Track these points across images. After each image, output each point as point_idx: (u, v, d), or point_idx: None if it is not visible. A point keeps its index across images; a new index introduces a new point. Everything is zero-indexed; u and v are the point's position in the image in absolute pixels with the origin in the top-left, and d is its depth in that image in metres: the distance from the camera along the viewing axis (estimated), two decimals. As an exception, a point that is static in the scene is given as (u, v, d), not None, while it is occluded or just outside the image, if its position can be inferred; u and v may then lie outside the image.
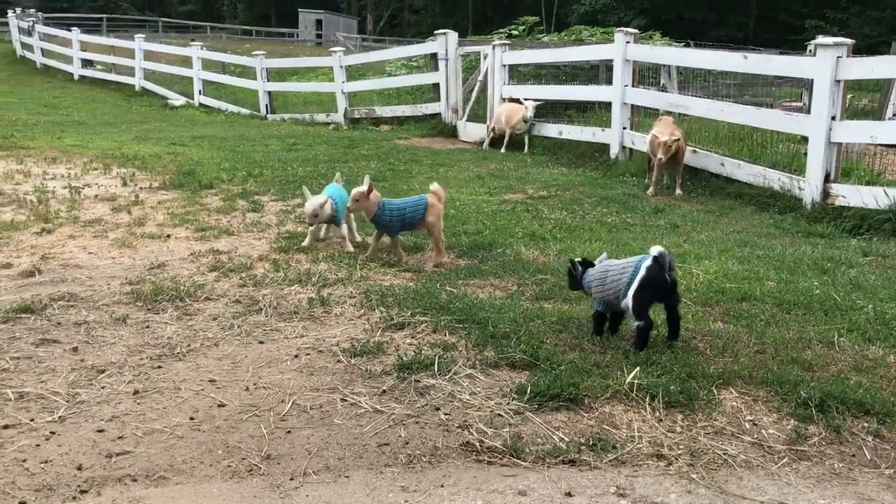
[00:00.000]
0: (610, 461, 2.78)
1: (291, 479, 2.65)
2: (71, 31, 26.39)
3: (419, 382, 3.38)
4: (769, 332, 3.95)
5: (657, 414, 3.10)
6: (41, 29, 29.38)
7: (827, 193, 7.03)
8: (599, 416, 3.10)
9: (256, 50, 20.67)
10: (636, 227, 6.53)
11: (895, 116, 11.29)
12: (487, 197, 7.77)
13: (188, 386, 3.35)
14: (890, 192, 6.53)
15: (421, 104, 14.69)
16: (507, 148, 11.65)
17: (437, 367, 3.51)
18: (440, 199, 5.34)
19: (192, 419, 3.05)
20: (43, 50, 28.36)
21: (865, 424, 3.05)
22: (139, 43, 22.90)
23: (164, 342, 3.82)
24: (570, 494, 2.56)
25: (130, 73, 23.25)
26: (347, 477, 2.67)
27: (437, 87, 13.92)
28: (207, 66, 20.65)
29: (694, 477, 2.69)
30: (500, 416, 3.09)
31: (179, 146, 11.47)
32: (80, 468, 2.68)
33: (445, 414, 3.11)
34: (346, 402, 3.21)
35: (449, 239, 5.85)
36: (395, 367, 3.52)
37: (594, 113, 11.66)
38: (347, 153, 10.86)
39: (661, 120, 8.42)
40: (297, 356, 3.68)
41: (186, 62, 20.87)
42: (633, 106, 9.84)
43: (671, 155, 7.92)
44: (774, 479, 2.70)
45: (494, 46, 12.57)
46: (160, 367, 3.54)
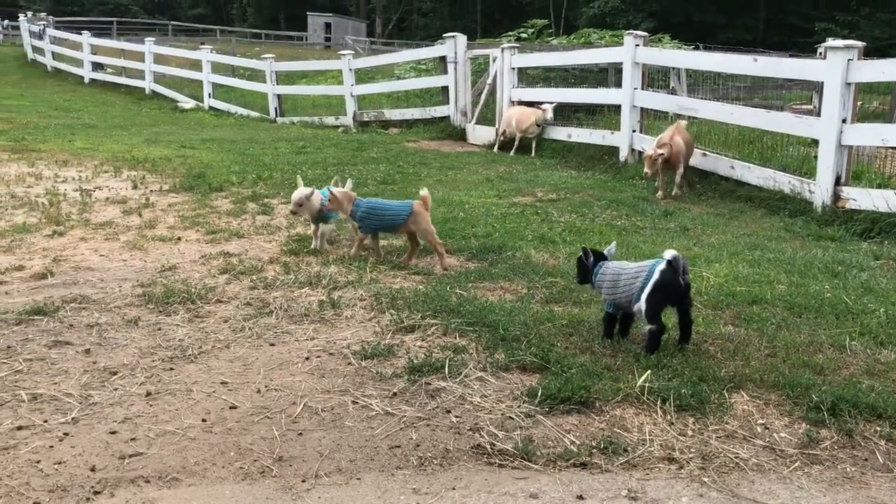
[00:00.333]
0: (621, 464, 2.78)
1: (303, 480, 2.66)
2: (81, 34, 26.56)
3: (430, 385, 3.39)
4: (780, 335, 3.94)
5: (668, 417, 3.10)
6: (52, 32, 29.59)
7: (837, 196, 7.01)
8: (610, 419, 3.10)
9: (266, 53, 20.72)
10: (646, 230, 6.53)
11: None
12: (497, 200, 7.77)
13: (200, 388, 3.36)
14: (901, 195, 6.52)
15: (430, 107, 14.71)
16: (516, 151, 11.67)
17: (447, 369, 3.51)
18: (427, 205, 5.34)
19: (204, 421, 3.06)
20: (54, 53, 28.56)
21: (878, 428, 3.04)
22: (149, 46, 23.01)
23: (175, 344, 3.84)
24: (581, 497, 2.56)
25: (140, 76, 23.39)
26: (359, 479, 2.68)
27: (445, 90, 13.94)
28: (217, 69, 20.72)
29: (705, 480, 2.68)
30: (511, 418, 3.09)
31: (189, 149, 11.51)
32: (93, 469, 2.70)
33: (456, 416, 3.12)
34: (357, 404, 3.22)
35: (458, 242, 5.87)
36: (405, 369, 3.53)
37: (603, 116, 11.66)
38: (356, 156, 10.88)
39: (676, 125, 8.36)
40: (307, 358, 3.69)
41: (196, 65, 20.97)
42: (642, 109, 9.85)
43: (665, 161, 7.96)
44: (786, 482, 2.69)
45: (503, 49, 12.59)
46: (172, 368, 3.56)
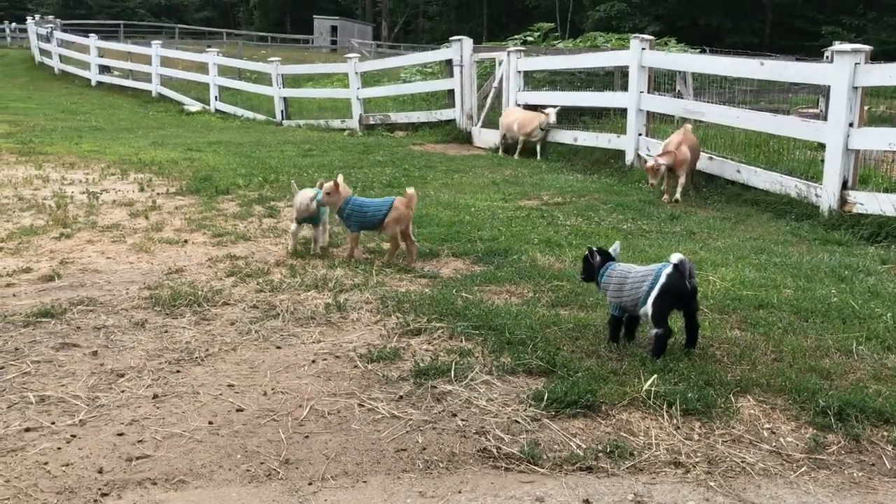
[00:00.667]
0: (627, 468, 2.78)
1: (310, 483, 2.67)
2: (89, 37, 26.64)
3: (436, 388, 3.39)
4: (787, 339, 3.93)
5: (675, 421, 3.10)
6: (59, 35, 29.68)
7: (844, 201, 6.99)
8: (617, 423, 3.10)
9: (272, 56, 20.82)
10: (652, 233, 6.52)
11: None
12: (502, 203, 7.77)
13: (207, 390, 3.37)
14: (908, 199, 6.50)
15: (436, 110, 14.70)
16: (521, 155, 11.67)
17: (453, 373, 3.52)
18: (410, 204, 5.37)
19: (210, 423, 3.07)
20: (61, 56, 28.66)
21: (885, 433, 3.03)
22: (156, 49, 23.09)
23: (182, 347, 3.85)
24: (587, 501, 2.56)
25: (147, 79, 23.46)
26: (365, 482, 2.68)
27: (451, 93, 13.94)
28: (223, 72, 20.77)
29: (712, 485, 2.68)
30: (517, 422, 3.10)
31: (196, 152, 11.54)
32: (100, 471, 2.71)
33: (462, 420, 3.12)
34: (363, 407, 3.23)
35: (464, 245, 5.87)
36: (411, 372, 3.53)
37: (609, 119, 11.64)
38: (362, 159, 10.89)
39: (683, 130, 8.34)
40: (314, 361, 3.70)
41: (203, 68, 21.03)
42: (648, 112, 9.83)
43: (669, 169, 8.00)
44: (793, 487, 2.69)
45: (509, 53, 12.59)
46: (179, 371, 3.57)
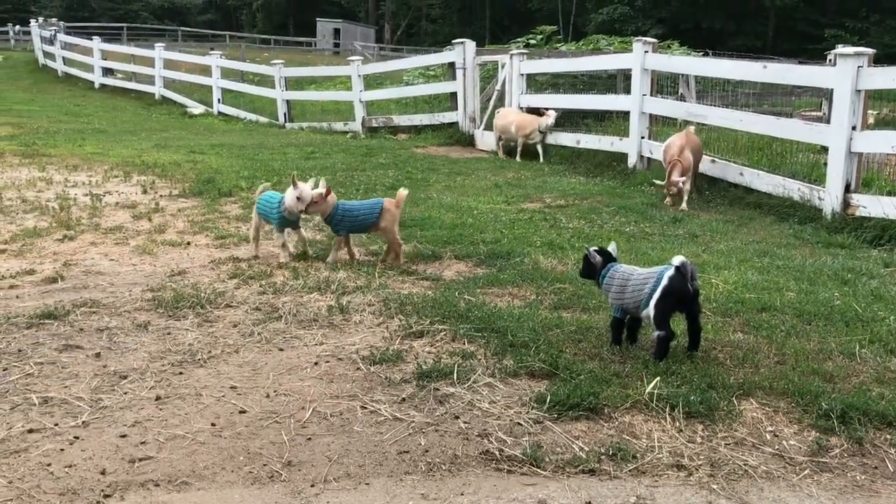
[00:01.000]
0: (630, 471, 2.78)
1: (312, 485, 2.67)
2: (92, 39, 26.75)
3: (438, 391, 3.39)
4: (789, 342, 3.93)
5: (677, 424, 3.09)
6: (63, 38, 29.77)
7: (847, 204, 6.99)
8: (619, 425, 3.10)
9: (275, 59, 20.81)
10: (655, 236, 6.52)
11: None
12: (505, 206, 7.78)
13: (209, 392, 3.37)
14: (911, 202, 6.49)
15: (438, 113, 14.72)
16: (523, 157, 11.68)
17: (456, 375, 3.52)
18: (399, 204, 5.42)
19: (213, 425, 3.07)
20: (64, 59, 28.74)
21: (888, 436, 3.03)
22: (159, 52, 23.14)
23: (185, 349, 3.85)
24: (590, 504, 2.56)
25: (150, 81, 23.51)
26: (368, 484, 2.68)
27: (454, 95, 13.96)
28: (226, 74, 20.80)
29: (714, 488, 2.68)
30: (519, 424, 3.09)
31: (199, 154, 11.55)
32: (103, 473, 2.71)
33: (465, 422, 3.12)
34: (365, 409, 3.23)
35: (467, 247, 5.87)
36: (414, 375, 3.53)
37: (612, 122, 11.65)
38: (365, 161, 10.90)
39: (685, 132, 8.34)
40: (316, 363, 3.70)
41: (206, 71, 21.05)
42: (651, 115, 9.84)
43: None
44: (796, 490, 2.69)
45: (512, 55, 12.60)
46: (182, 373, 3.57)
